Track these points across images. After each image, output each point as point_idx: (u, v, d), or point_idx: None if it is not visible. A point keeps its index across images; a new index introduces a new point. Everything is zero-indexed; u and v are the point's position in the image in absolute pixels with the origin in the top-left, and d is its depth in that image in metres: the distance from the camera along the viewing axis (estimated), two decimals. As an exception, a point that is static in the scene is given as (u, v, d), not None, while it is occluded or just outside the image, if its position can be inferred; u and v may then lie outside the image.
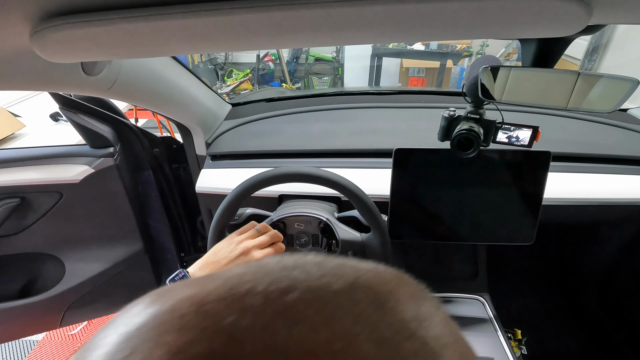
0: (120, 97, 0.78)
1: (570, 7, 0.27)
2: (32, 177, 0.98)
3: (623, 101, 0.55)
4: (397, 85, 3.98)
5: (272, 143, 1.08)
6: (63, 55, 0.35)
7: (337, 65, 4.16)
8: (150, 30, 0.31)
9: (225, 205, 0.73)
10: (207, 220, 1.11)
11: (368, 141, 1.04)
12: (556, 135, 1.02)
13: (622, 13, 0.35)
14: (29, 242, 1.06)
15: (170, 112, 0.98)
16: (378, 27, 0.32)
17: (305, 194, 0.94)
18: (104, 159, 1.01)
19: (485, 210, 0.87)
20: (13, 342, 1.66)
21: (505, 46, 3.46)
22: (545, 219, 0.85)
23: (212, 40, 0.34)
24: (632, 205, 0.91)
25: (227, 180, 1.00)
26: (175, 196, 1.25)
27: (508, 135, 0.74)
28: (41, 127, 1.72)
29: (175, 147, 1.21)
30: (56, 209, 1.03)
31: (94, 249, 1.13)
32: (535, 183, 0.82)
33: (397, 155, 0.82)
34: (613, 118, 1.09)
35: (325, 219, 0.81)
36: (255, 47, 0.38)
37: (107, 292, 1.18)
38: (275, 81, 4.35)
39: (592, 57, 2.64)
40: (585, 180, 0.93)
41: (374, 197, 0.75)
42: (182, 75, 0.94)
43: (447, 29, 0.32)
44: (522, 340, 1.24)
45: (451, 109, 0.75)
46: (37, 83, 0.57)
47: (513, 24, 0.31)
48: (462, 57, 3.55)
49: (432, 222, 0.90)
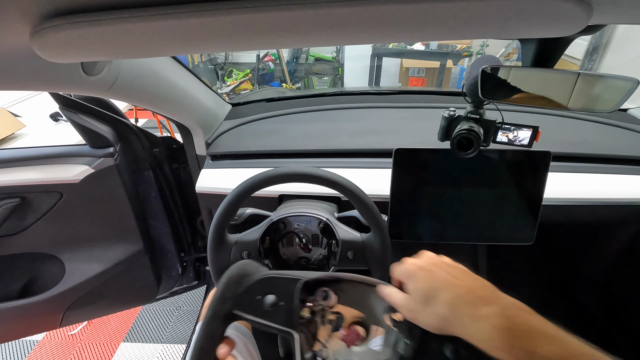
0: (120, 97, 0.78)
1: (570, 7, 0.27)
2: (32, 177, 0.98)
3: (623, 101, 0.55)
4: (397, 85, 3.98)
5: (272, 143, 1.08)
6: (63, 55, 0.35)
7: (337, 65, 4.16)
8: (150, 30, 0.31)
9: (225, 205, 0.73)
10: (207, 220, 1.12)
11: (368, 141, 1.04)
12: (556, 135, 1.02)
13: (622, 13, 0.35)
14: (29, 242, 1.06)
15: (170, 112, 0.98)
16: (378, 27, 0.32)
17: (305, 194, 0.94)
18: (104, 159, 1.01)
19: (485, 210, 0.87)
20: (13, 342, 1.66)
21: (505, 46, 3.46)
22: (545, 219, 0.85)
23: (212, 40, 0.34)
24: (632, 205, 0.91)
25: (227, 180, 1.00)
26: (175, 196, 1.25)
27: (508, 135, 0.74)
28: (41, 127, 1.72)
29: (175, 147, 1.21)
30: (56, 209, 1.03)
31: (94, 249, 1.13)
32: (535, 183, 0.82)
33: (397, 155, 0.82)
34: (613, 118, 1.09)
35: (325, 219, 0.81)
36: (255, 47, 0.38)
37: (107, 292, 1.18)
38: (275, 81, 4.35)
39: (592, 57, 2.64)
40: (585, 180, 0.93)
41: (374, 197, 0.75)
42: (182, 75, 0.94)
43: (447, 29, 0.32)
44: (522, 340, 1.24)
45: (451, 109, 0.75)
46: (37, 83, 0.57)
47: (513, 24, 0.31)
48: (462, 57, 3.55)
49: (432, 222, 0.90)
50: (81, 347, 1.62)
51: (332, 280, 0.57)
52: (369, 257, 0.76)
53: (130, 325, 1.73)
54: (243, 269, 0.55)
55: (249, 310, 0.51)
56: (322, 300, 0.55)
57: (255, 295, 0.52)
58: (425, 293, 0.40)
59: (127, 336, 1.68)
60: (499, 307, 0.36)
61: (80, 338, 1.67)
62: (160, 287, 1.31)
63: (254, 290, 0.53)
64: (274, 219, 0.81)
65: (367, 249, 0.76)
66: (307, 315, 0.53)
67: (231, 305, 0.51)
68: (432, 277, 0.41)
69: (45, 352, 1.61)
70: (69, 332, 1.69)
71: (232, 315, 0.51)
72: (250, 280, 0.54)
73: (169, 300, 1.84)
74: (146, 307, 1.83)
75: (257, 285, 0.53)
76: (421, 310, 0.40)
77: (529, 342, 0.33)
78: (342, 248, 0.77)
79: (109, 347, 1.62)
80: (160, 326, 1.73)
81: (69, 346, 1.63)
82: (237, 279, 0.53)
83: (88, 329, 1.71)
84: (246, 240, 0.79)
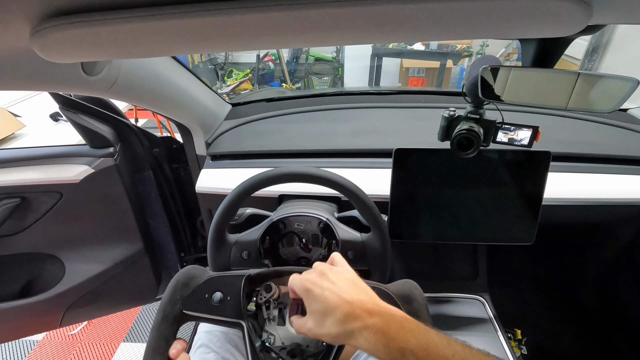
0: (120, 97, 0.78)
1: (570, 7, 0.27)
2: (32, 177, 0.98)
3: (623, 101, 0.55)
4: (397, 85, 3.98)
5: (272, 143, 1.08)
6: (63, 55, 0.35)
7: (337, 65, 4.16)
8: (150, 30, 0.31)
9: (225, 205, 0.73)
10: (207, 220, 1.12)
11: (368, 141, 1.04)
12: (556, 135, 1.02)
13: (622, 13, 0.35)
14: (29, 242, 1.06)
15: (170, 112, 0.98)
16: (378, 27, 0.32)
17: (305, 194, 0.94)
18: (104, 159, 1.01)
19: (485, 210, 0.87)
20: (13, 342, 1.66)
21: (505, 46, 3.46)
22: (545, 219, 0.85)
23: (212, 40, 0.34)
24: (632, 205, 0.91)
25: (227, 180, 1.00)
26: (175, 196, 1.25)
27: (508, 135, 0.74)
28: (41, 127, 1.72)
29: (175, 147, 1.21)
30: (56, 209, 1.03)
31: (94, 249, 1.13)
32: (535, 183, 0.82)
33: (397, 155, 0.82)
34: (613, 118, 1.09)
35: (325, 219, 0.81)
36: (255, 47, 0.38)
37: (107, 292, 1.18)
38: (275, 81, 4.35)
39: (592, 57, 2.64)
40: (585, 180, 0.93)
41: (374, 197, 0.75)
42: (182, 75, 0.94)
43: (447, 29, 0.32)
44: (522, 340, 1.24)
45: (451, 109, 0.75)
46: (37, 83, 0.57)
47: (513, 24, 0.31)
48: (462, 57, 3.55)
49: (432, 222, 0.90)
50: (81, 347, 1.62)
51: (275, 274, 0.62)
52: (369, 257, 0.76)
53: (130, 325, 1.73)
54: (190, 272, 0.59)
55: (198, 309, 0.55)
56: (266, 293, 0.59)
57: (203, 294, 0.56)
58: (320, 314, 0.46)
59: (127, 336, 1.68)
60: (379, 316, 0.43)
61: (80, 338, 1.67)
62: (160, 287, 1.30)
63: (202, 290, 0.57)
64: (274, 219, 0.81)
65: (367, 249, 0.76)
66: (253, 309, 0.58)
67: (180, 306, 0.55)
68: (324, 296, 0.46)
69: (45, 352, 1.61)
70: (69, 332, 1.69)
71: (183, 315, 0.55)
72: (198, 282, 0.58)
73: (169, 300, 1.84)
74: (146, 307, 1.83)
75: (204, 286, 0.57)
76: (319, 330, 0.46)
77: (400, 341, 0.40)
78: (342, 248, 0.77)
79: (109, 347, 1.62)
80: (160, 326, 1.73)
81: (69, 346, 1.63)
82: (185, 282, 0.57)
83: (88, 329, 1.71)
84: (246, 240, 0.79)
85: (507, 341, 0.98)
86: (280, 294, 0.61)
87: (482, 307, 1.12)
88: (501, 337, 0.99)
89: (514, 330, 1.25)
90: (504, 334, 1.00)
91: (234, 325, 0.56)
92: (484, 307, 1.12)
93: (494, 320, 1.05)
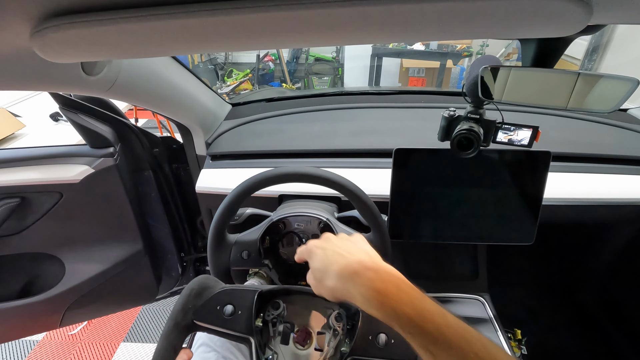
0: (120, 97, 0.77)
1: (570, 7, 0.27)
2: (32, 177, 0.97)
3: (623, 101, 0.55)
4: (397, 85, 3.98)
5: (272, 143, 1.08)
6: (63, 55, 0.35)
7: (337, 65, 4.16)
8: (150, 30, 0.31)
9: (225, 205, 0.73)
10: (207, 220, 1.11)
11: (368, 141, 1.04)
12: (556, 135, 1.02)
13: (622, 13, 0.35)
14: (29, 242, 1.06)
15: (170, 112, 0.98)
16: (378, 27, 0.32)
17: (305, 194, 0.94)
18: (104, 159, 1.01)
19: (485, 210, 0.87)
20: (13, 342, 1.66)
21: (505, 46, 3.46)
22: (545, 219, 0.85)
23: (212, 40, 0.34)
24: (632, 205, 0.91)
25: (227, 180, 1.00)
26: (175, 196, 1.24)
27: (508, 135, 0.74)
28: (41, 127, 1.72)
29: (175, 147, 1.20)
30: (56, 209, 1.03)
31: (94, 249, 1.13)
32: (535, 183, 0.82)
33: (397, 155, 0.82)
34: (613, 118, 1.09)
35: (325, 219, 0.81)
36: (255, 47, 0.38)
37: (107, 292, 1.18)
38: (275, 81, 4.35)
39: (592, 57, 2.64)
40: (585, 180, 0.93)
41: (374, 197, 0.75)
42: (182, 75, 0.94)
43: (447, 29, 0.32)
44: (522, 340, 1.24)
45: (451, 109, 0.75)
46: (37, 83, 0.57)
47: (513, 24, 0.31)
48: (462, 57, 3.55)
49: (432, 222, 0.90)
50: (81, 347, 1.62)
51: (283, 291, 0.63)
52: None
53: (130, 325, 1.73)
54: (204, 282, 0.59)
55: (209, 320, 0.55)
56: (274, 310, 0.61)
57: (215, 306, 0.57)
58: (319, 270, 0.47)
59: (127, 336, 1.68)
60: (376, 273, 0.43)
61: (80, 338, 1.67)
62: (160, 287, 1.30)
63: (214, 301, 0.57)
64: (274, 219, 0.81)
65: None
66: (260, 325, 0.59)
67: (192, 316, 0.55)
68: (325, 254, 0.48)
69: (45, 352, 1.61)
70: (69, 332, 1.69)
71: (193, 325, 0.55)
72: (211, 293, 0.58)
73: (169, 300, 1.84)
74: (146, 307, 1.83)
75: (216, 297, 0.57)
76: (319, 284, 0.47)
77: (395, 301, 0.40)
78: (342, 248, 0.77)
79: (109, 347, 1.62)
80: (160, 326, 1.73)
81: (69, 346, 1.63)
82: (199, 291, 0.57)
83: (88, 329, 1.71)
84: (246, 240, 0.79)
85: (507, 341, 0.98)
86: (287, 313, 0.62)
87: (482, 307, 1.12)
88: (501, 337, 0.99)
89: (514, 331, 1.25)
90: (504, 334, 1.00)
91: (241, 340, 0.57)
92: (484, 307, 1.12)
93: (494, 320, 1.05)
